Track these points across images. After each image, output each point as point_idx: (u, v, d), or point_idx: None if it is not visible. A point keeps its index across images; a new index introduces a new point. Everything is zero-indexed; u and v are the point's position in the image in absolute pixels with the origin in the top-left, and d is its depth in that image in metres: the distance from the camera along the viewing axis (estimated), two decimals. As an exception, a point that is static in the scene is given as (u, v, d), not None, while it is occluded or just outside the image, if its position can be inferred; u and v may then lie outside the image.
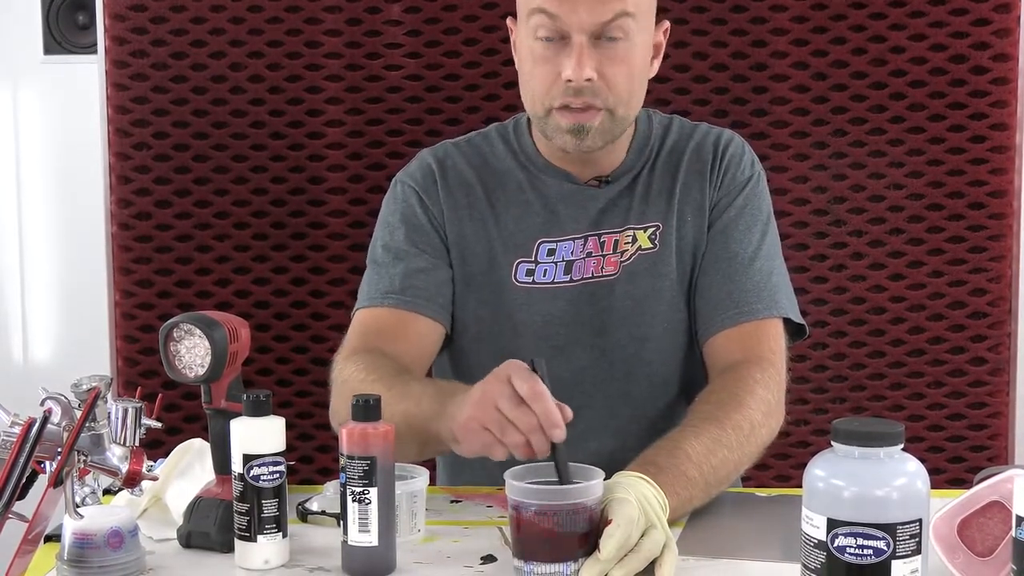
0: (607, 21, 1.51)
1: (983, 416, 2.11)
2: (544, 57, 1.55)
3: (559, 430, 1.27)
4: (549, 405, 1.27)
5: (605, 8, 1.50)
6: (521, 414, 1.28)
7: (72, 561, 1.29)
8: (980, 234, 2.08)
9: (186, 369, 1.38)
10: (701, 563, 1.32)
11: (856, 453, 1.07)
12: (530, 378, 1.29)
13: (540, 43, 1.55)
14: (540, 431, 1.27)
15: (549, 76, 1.55)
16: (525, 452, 1.30)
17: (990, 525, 1.21)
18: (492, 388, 1.31)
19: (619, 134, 1.63)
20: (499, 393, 1.30)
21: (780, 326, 1.63)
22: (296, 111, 2.10)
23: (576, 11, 1.50)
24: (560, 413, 1.28)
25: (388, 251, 1.68)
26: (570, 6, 1.50)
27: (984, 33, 2.04)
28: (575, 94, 1.54)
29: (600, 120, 1.57)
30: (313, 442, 2.15)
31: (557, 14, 1.51)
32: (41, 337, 3.05)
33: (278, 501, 1.32)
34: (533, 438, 1.28)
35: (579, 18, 1.50)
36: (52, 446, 1.26)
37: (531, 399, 1.27)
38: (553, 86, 1.55)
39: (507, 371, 1.31)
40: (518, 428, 1.28)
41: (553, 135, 1.60)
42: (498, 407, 1.29)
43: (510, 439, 1.29)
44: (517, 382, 1.29)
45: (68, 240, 2.99)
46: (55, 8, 2.84)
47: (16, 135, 2.99)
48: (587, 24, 1.51)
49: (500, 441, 1.30)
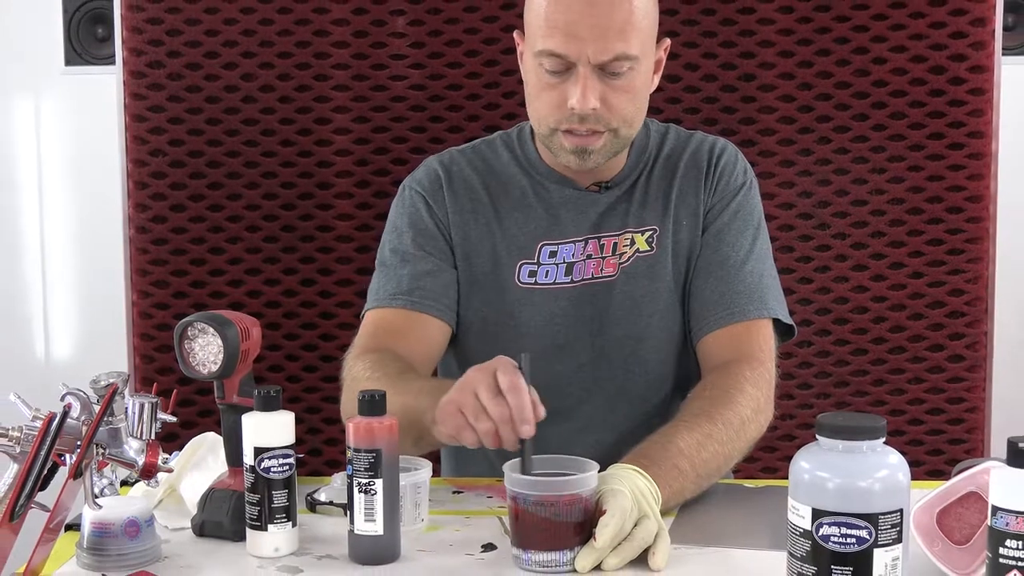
0: (609, 60, 1.50)
1: (961, 411, 2.11)
2: (550, 84, 1.54)
3: (528, 426, 1.27)
4: (523, 400, 1.27)
5: (607, 48, 1.49)
6: (495, 404, 1.28)
7: (91, 549, 1.29)
8: (958, 237, 2.07)
9: (200, 366, 1.38)
10: (692, 551, 1.32)
11: (840, 446, 1.07)
12: (512, 372, 1.29)
13: (546, 70, 1.54)
14: (510, 423, 1.27)
15: (555, 101, 1.54)
16: (493, 440, 1.29)
17: (967, 515, 1.21)
18: (475, 377, 1.31)
19: (621, 150, 1.62)
20: (480, 382, 1.29)
21: (770, 326, 1.63)
22: (305, 119, 2.10)
23: (582, 47, 1.49)
24: (534, 411, 1.28)
25: (396, 254, 1.68)
26: (577, 47, 1.49)
27: (961, 46, 2.03)
28: (580, 121, 1.54)
29: (603, 142, 1.57)
30: (321, 435, 2.14)
31: (564, 54, 1.50)
32: (62, 336, 3.05)
33: (288, 492, 1.32)
34: (502, 428, 1.28)
35: (584, 54, 1.49)
36: (72, 440, 1.26)
37: (508, 391, 1.27)
38: (558, 110, 1.54)
39: (494, 364, 1.31)
40: (490, 416, 1.28)
41: (557, 153, 1.60)
42: (476, 394, 1.29)
43: (480, 426, 1.29)
44: (499, 375, 1.28)
45: (87, 243, 2.99)
46: (76, 21, 2.84)
47: (38, 142, 2.99)
48: (592, 60, 1.50)
49: (471, 426, 1.30)
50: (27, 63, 2.93)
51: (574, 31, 1.49)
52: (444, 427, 1.35)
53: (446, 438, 1.36)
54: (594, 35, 1.48)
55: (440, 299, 1.65)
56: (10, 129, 2.99)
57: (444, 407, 1.33)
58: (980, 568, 1.16)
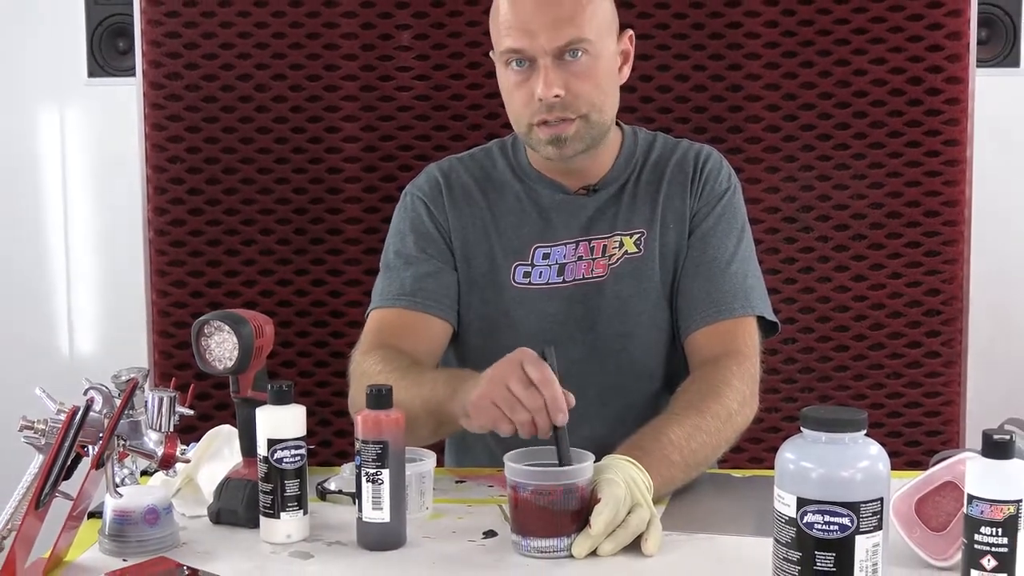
0: (564, 45, 1.53)
1: (937, 404, 2.11)
2: (518, 82, 1.57)
3: (563, 414, 1.28)
4: (557, 391, 1.28)
5: (560, 35, 1.53)
6: (530, 395, 1.28)
7: (112, 536, 1.29)
8: (934, 240, 2.07)
9: (216, 362, 1.38)
10: (683, 537, 1.32)
11: (823, 438, 1.07)
12: (541, 364, 1.30)
13: (513, 71, 1.57)
14: (545, 412, 1.28)
15: (524, 97, 1.57)
16: (529, 430, 1.30)
17: (944, 503, 1.21)
18: (504, 370, 1.31)
19: (598, 138, 1.62)
20: (511, 375, 1.30)
21: (754, 324, 1.63)
22: (315, 128, 2.09)
23: (537, 40, 1.53)
24: (565, 399, 1.29)
25: (399, 256, 1.68)
26: (530, 39, 1.53)
27: (937, 58, 2.03)
28: (548, 110, 1.55)
29: (575, 128, 1.57)
30: (331, 428, 2.14)
31: (522, 48, 1.54)
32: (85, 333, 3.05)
33: (299, 481, 1.31)
34: (538, 418, 1.28)
35: (540, 45, 1.53)
36: (94, 432, 1.26)
37: (541, 384, 1.28)
38: (529, 105, 1.57)
39: (520, 356, 1.31)
40: (525, 407, 1.28)
41: (537, 147, 1.61)
42: (509, 387, 1.29)
43: (518, 416, 1.29)
44: (529, 367, 1.29)
45: (109, 245, 2.98)
46: (98, 35, 2.83)
47: (63, 150, 2.99)
48: (548, 49, 1.53)
49: (508, 418, 1.30)
50: (52, 75, 2.93)
51: (528, 27, 1.53)
52: (478, 420, 1.35)
53: (478, 429, 1.36)
54: (546, 26, 1.53)
55: (441, 299, 1.65)
56: (36, 137, 2.99)
57: (477, 401, 1.34)
58: (956, 553, 1.15)
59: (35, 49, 2.92)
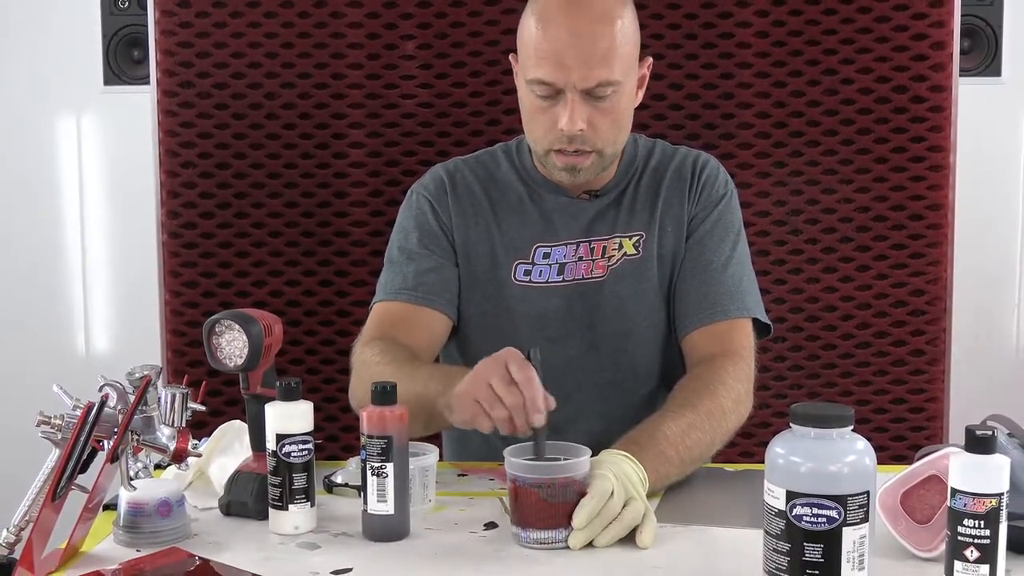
0: (593, 87, 1.50)
1: (922, 401, 2.11)
2: (542, 108, 1.54)
3: (540, 415, 1.27)
4: (536, 392, 1.27)
5: (591, 75, 1.49)
6: (509, 394, 1.28)
7: (126, 527, 1.29)
8: (919, 242, 2.07)
9: (227, 360, 1.38)
10: (676, 529, 1.32)
11: (812, 433, 1.07)
12: (524, 364, 1.29)
13: (537, 95, 1.54)
14: (523, 411, 1.27)
15: (546, 123, 1.55)
16: (508, 427, 1.29)
17: (929, 496, 1.21)
18: (488, 368, 1.31)
19: (608, 166, 1.63)
20: (493, 373, 1.29)
21: (749, 325, 1.63)
22: (323, 134, 2.09)
23: (568, 75, 1.49)
24: (545, 401, 1.28)
25: (403, 252, 1.68)
26: (564, 75, 1.49)
27: (922, 67, 2.03)
28: (568, 142, 1.54)
29: (591, 161, 1.57)
30: (337, 423, 2.14)
31: (553, 82, 1.51)
32: (100, 332, 3.04)
33: (307, 475, 1.31)
34: (516, 416, 1.28)
35: (571, 81, 1.50)
36: (109, 427, 1.26)
37: (522, 383, 1.27)
38: (550, 132, 1.55)
39: (505, 356, 1.30)
40: (504, 405, 1.28)
41: (551, 170, 1.61)
42: (491, 384, 1.29)
43: (496, 413, 1.29)
44: (512, 367, 1.28)
45: (124, 247, 2.98)
46: (114, 45, 2.83)
47: (80, 156, 2.99)
48: (579, 86, 1.50)
49: (487, 413, 1.29)
50: (69, 83, 2.93)
51: (561, 60, 1.49)
52: (460, 415, 1.34)
53: (460, 423, 1.36)
54: (579, 63, 1.49)
55: (442, 294, 1.65)
56: (54, 143, 2.99)
57: (460, 396, 1.33)
58: (940, 545, 1.15)
59: (53, 59, 2.92)
